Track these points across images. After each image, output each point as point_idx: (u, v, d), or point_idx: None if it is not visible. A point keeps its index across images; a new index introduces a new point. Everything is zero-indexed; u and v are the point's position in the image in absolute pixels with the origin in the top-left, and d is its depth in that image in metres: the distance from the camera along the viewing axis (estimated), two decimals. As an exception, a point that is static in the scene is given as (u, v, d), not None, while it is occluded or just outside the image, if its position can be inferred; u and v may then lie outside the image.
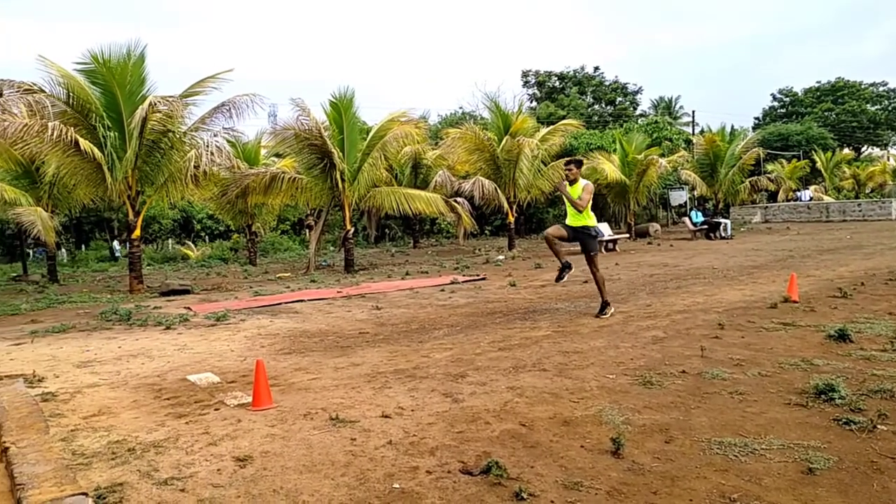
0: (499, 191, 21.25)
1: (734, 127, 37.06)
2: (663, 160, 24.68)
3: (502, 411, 4.21)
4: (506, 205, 21.44)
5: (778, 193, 38.67)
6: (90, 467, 3.52)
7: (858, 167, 47.97)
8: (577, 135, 28.48)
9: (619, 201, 25.97)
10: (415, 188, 22.16)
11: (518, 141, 20.40)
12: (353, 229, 17.78)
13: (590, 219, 7.65)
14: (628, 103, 51.61)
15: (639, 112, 52.49)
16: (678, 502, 2.85)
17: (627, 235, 23.97)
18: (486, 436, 3.77)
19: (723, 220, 23.20)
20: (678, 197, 30.52)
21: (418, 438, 3.77)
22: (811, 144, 45.26)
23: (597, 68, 51.32)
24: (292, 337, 7.50)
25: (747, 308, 7.66)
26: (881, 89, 59.59)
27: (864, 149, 61.64)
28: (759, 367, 4.93)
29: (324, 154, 16.63)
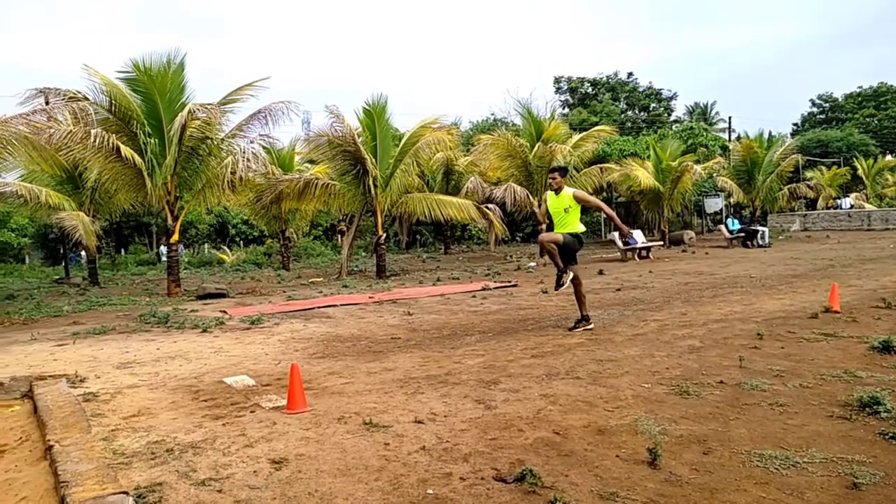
0: (530, 197, 21.18)
1: (772, 133, 36.38)
2: (698, 167, 24.31)
3: (536, 419, 4.18)
4: (537, 211, 21.35)
5: (817, 201, 37.71)
6: (130, 467, 3.60)
7: (902, 174, 46.55)
8: (609, 141, 28.20)
9: (652, 208, 25.59)
10: (446, 194, 22.17)
11: (550, 147, 20.33)
12: (384, 235, 17.87)
13: (577, 224, 7.41)
14: (662, 109, 51.05)
15: (673, 118, 51.87)
16: (717, 515, 2.79)
17: (661, 243, 23.62)
18: (520, 443, 3.74)
19: (760, 228, 22.70)
20: (713, 204, 29.97)
21: (451, 444, 3.76)
22: (852, 151, 44.13)
23: (630, 74, 50.87)
24: (325, 341, 7.57)
25: (787, 318, 7.48)
26: (926, 94, 57.91)
27: (907, 156, 59.86)
28: (800, 379, 4.81)
29: (357, 160, 16.76)
